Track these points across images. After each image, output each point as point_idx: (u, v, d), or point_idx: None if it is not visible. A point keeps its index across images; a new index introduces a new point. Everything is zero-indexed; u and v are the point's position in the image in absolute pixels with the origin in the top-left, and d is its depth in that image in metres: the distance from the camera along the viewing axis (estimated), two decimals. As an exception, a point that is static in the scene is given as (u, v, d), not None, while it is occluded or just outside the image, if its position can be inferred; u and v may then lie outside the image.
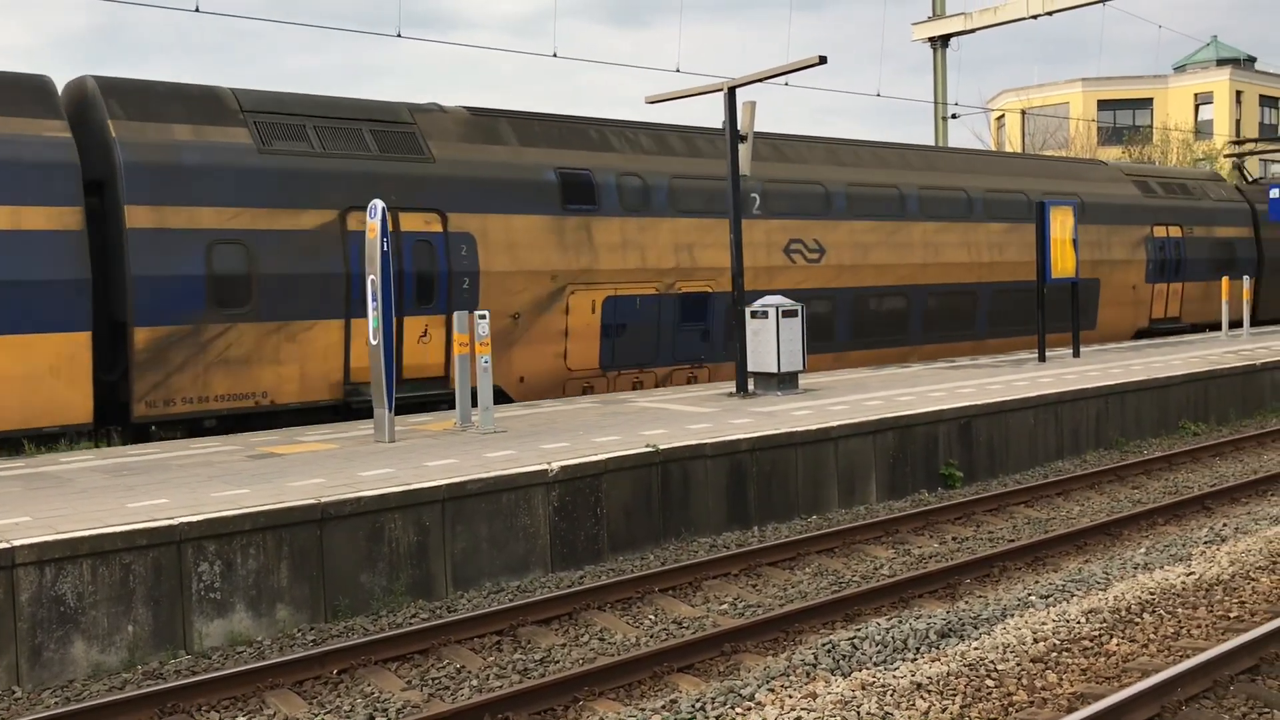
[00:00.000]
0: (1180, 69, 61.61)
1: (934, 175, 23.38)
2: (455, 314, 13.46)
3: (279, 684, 7.77)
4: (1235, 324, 26.56)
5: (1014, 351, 23.34)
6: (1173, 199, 28.52)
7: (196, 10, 15.93)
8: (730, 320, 17.25)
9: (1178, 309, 28.43)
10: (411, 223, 15.49)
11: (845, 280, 20.86)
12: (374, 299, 12.26)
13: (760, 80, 15.90)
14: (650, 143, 18.96)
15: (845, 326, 20.98)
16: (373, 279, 12.27)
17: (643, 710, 6.94)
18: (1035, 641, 7.39)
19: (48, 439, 13.01)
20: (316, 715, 7.37)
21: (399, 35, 18.64)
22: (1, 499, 9.72)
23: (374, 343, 12.32)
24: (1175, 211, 28.42)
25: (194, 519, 8.65)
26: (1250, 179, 33.94)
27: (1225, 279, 26.07)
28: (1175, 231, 28.06)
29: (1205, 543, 10.38)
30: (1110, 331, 26.73)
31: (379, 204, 12.40)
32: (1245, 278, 27.04)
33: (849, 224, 21.03)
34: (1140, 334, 27.48)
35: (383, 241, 12.25)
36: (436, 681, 7.90)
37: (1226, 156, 44.09)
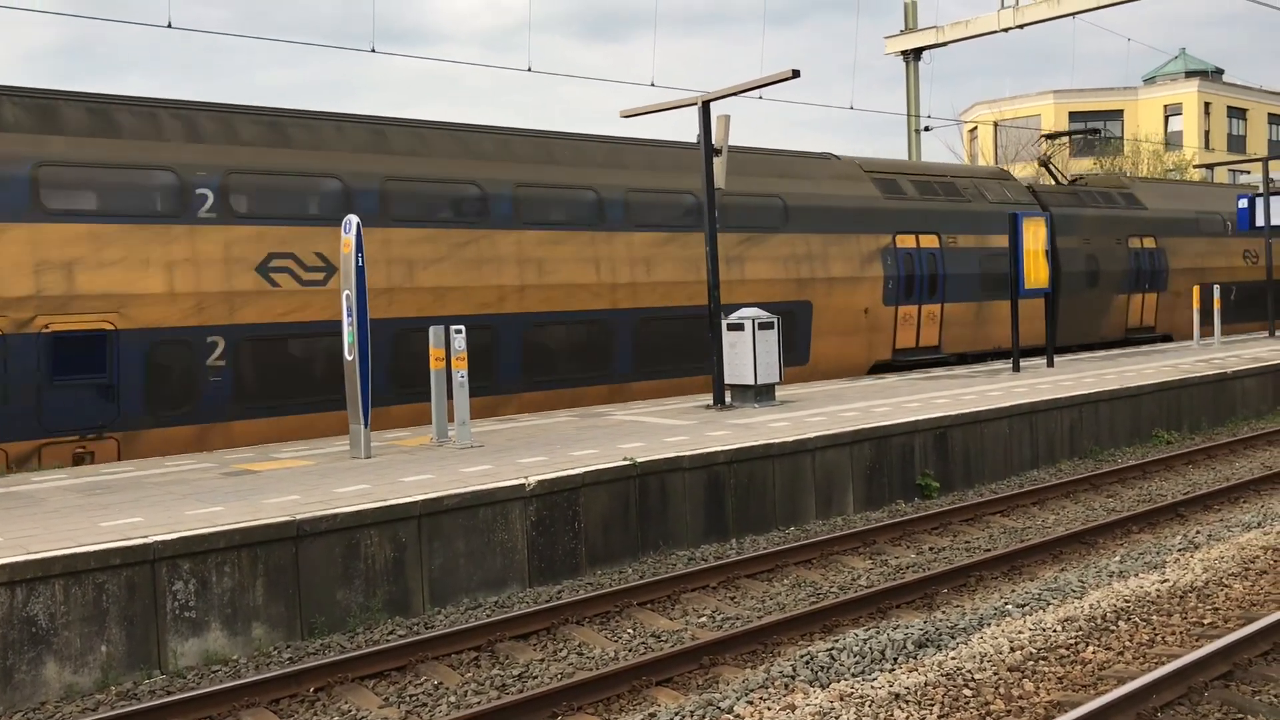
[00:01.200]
0: (1150, 81, 62.34)
1: (544, 170, 17.73)
2: (433, 329, 13.39)
3: (255, 703, 7.71)
4: (1033, 353, 23.29)
5: (673, 398, 18.16)
6: (929, 201, 23.45)
7: (169, 26, 15.86)
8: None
9: (935, 336, 23.20)
10: None
11: (380, 308, 15.08)
12: (349, 314, 12.22)
13: (734, 94, 15.97)
14: None
15: (381, 373, 15.10)
16: (348, 294, 12.23)
17: (621, 724, 6.92)
18: (1012, 650, 7.42)
19: None
20: (293, 734, 7.31)
21: (373, 50, 18.61)
22: (-28, 519, 9.61)
23: (349, 358, 12.27)
24: (931, 217, 23.22)
25: (168, 537, 8.58)
26: (1067, 179, 30.11)
27: (1196, 287, 26.33)
28: (929, 241, 22.97)
29: (1179, 550, 10.46)
30: (832, 367, 21.32)
31: (354, 219, 12.37)
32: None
33: (387, 231, 15.58)
34: (880, 368, 22.21)
35: (357, 256, 12.22)
36: (414, 699, 7.86)
37: (1206, 166, 44.59)
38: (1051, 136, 32.30)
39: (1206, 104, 59.09)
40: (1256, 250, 31.85)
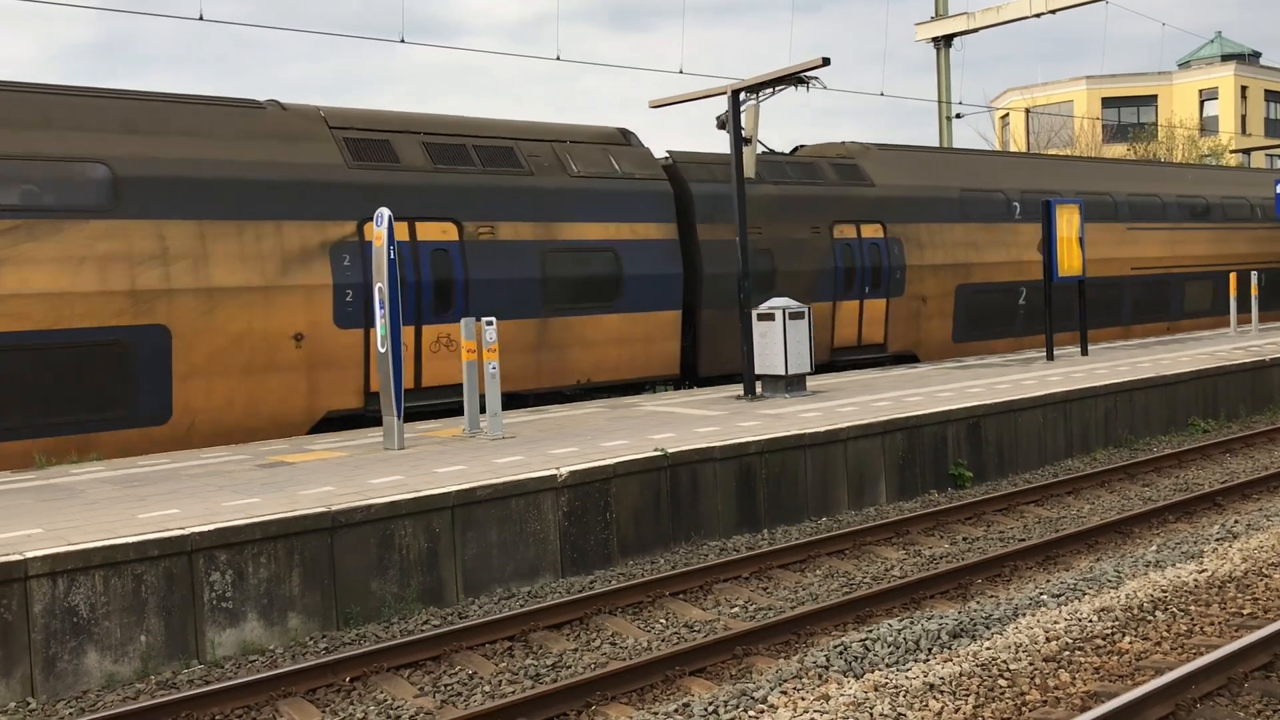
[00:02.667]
0: (1184, 65, 61.53)
1: None
2: (463, 321, 13.40)
3: (292, 692, 7.79)
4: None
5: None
6: (445, 173, 16.27)
7: (200, 18, 15.97)
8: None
9: (442, 371, 15.87)
10: None
11: None
12: (381, 306, 12.28)
13: (763, 83, 15.89)
14: None
15: None
16: (380, 286, 12.30)
17: (655, 714, 6.94)
18: (1047, 640, 7.37)
19: None
20: (330, 723, 7.38)
21: (402, 40, 18.64)
22: (13, 511, 9.75)
23: (381, 350, 12.34)
24: (444, 195, 16.09)
25: (205, 529, 8.67)
26: (772, 151, 21.91)
27: (1234, 275, 25.95)
28: (438, 231, 15.89)
29: (1217, 540, 10.35)
30: (223, 425, 14.18)
31: (385, 212, 12.43)
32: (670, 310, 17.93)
33: None
34: (337, 423, 15.23)
35: (389, 249, 12.27)
36: (449, 688, 7.90)
37: (1242, 151, 43.87)
38: (754, 89, 18.22)
39: (1243, 88, 58.26)
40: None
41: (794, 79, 15.92)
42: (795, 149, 22.89)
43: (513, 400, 16.68)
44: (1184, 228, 28.77)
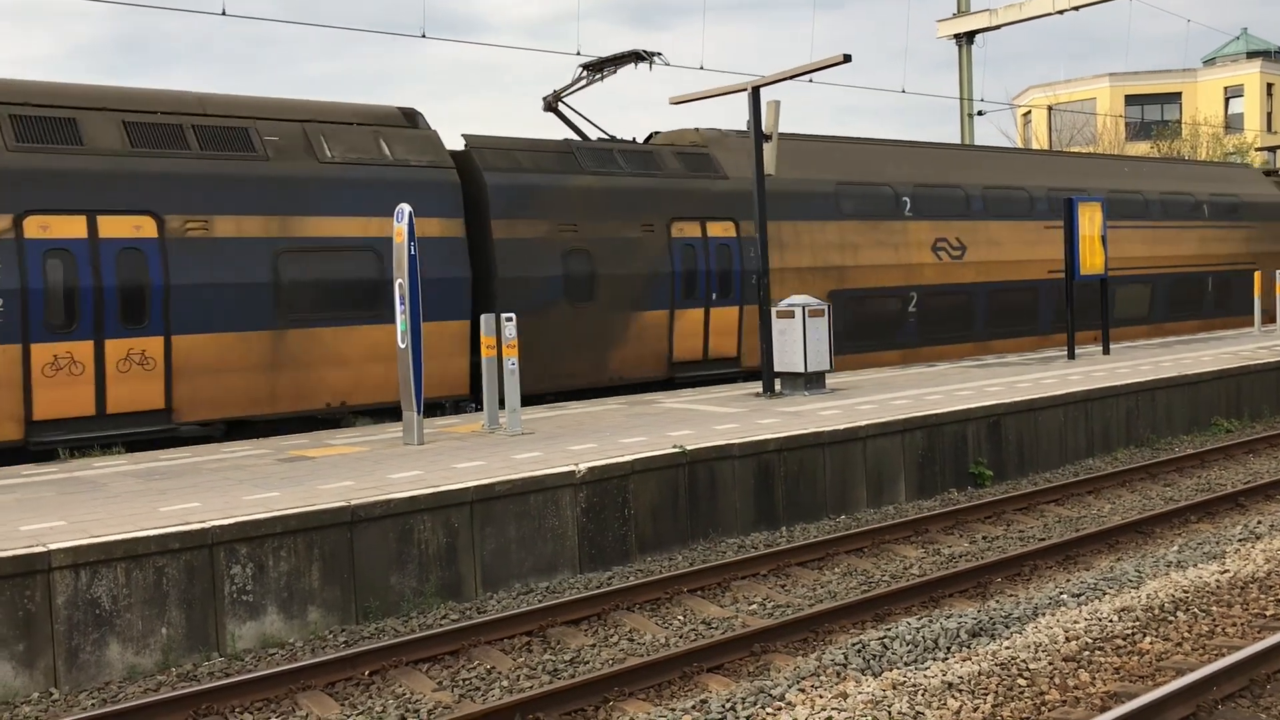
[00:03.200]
0: (1209, 62, 61.03)
1: None
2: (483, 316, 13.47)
3: (311, 685, 7.83)
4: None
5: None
6: (145, 158, 13.89)
7: (223, 14, 16.05)
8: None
9: (136, 395, 13.50)
10: None
11: None
12: (401, 302, 12.32)
13: (784, 79, 15.87)
14: None
15: None
16: (400, 282, 12.34)
17: (673, 710, 6.94)
18: (1067, 640, 7.33)
19: None
20: (348, 716, 7.42)
21: (424, 36, 18.73)
22: (36, 504, 9.83)
23: (402, 346, 12.38)
24: (133, 184, 13.69)
25: (226, 522, 8.72)
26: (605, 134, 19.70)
27: (1258, 274, 25.74)
28: (140, 228, 13.61)
29: (1239, 540, 10.27)
30: None
31: (406, 209, 12.46)
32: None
33: None
34: None
35: (410, 245, 12.31)
36: (467, 682, 7.93)
37: (1268, 149, 43.41)
38: (592, 67, 19.33)
39: (1269, 85, 57.73)
40: (959, 240, 22.53)
41: (634, 57, 18.23)
42: (650, 135, 20.52)
43: (240, 428, 14.40)
44: (1118, 225, 25.14)
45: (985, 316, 23.05)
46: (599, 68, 19.05)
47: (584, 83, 19.34)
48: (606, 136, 19.19)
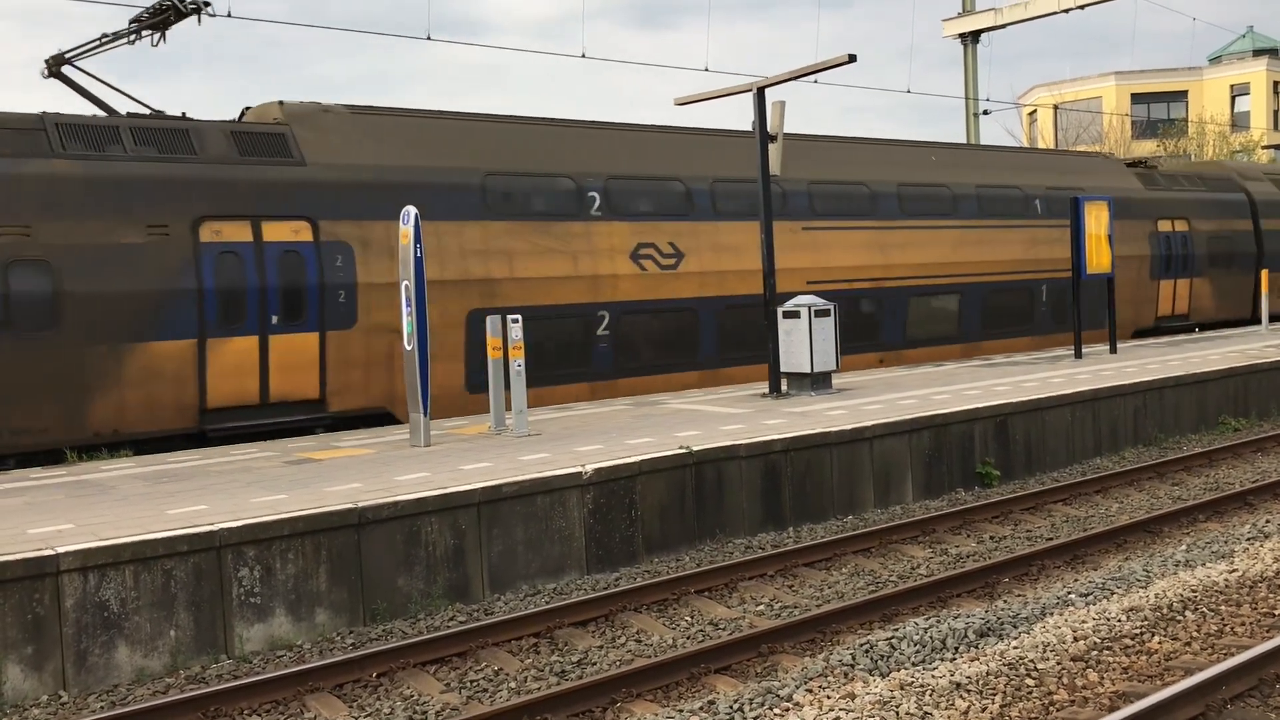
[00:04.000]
0: (1215, 60, 60.90)
1: None
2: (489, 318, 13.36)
3: (319, 687, 7.84)
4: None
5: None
6: None
7: (229, 16, 16.06)
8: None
9: None
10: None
11: None
12: (408, 304, 12.34)
13: (789, 80, 15.87)
14: None
15: None
16: (406, 284, 12.35)
17: (680, 711, 6.94)
18: (1075, 640, 7.32)
19: None
20: (356, 718, 7.43)
21: (428, 38, 18.74)
22: (45, 506, 9.86)
23: (408, 348, 12.40)
24: None
25: (234, 525, 8.74)
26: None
27: (1265, 271, 25.64)
28: None
29: (1248, 539, 10.25)
30: None
31: (412, 210, 12.48)
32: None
33: None
34: None
35: (416, 248, 12.33)
36: (475, 684, 7.94)
37: (1275, 147, 43.27)
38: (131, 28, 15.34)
39: (1275, 83, 57.58)
40: (676, 246, 18.01)
41: (172, 10, 14.21)
42: (243, 113, 16.29)
43: None
44: (909, 226, 21.21)
45: (714, 339, 18.38)
46: (136, 28, 15.18)
47: (107, 42, 15.22)
48: (153, 112, 15.00)
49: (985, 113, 35.96)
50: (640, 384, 17.75)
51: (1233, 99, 57.50)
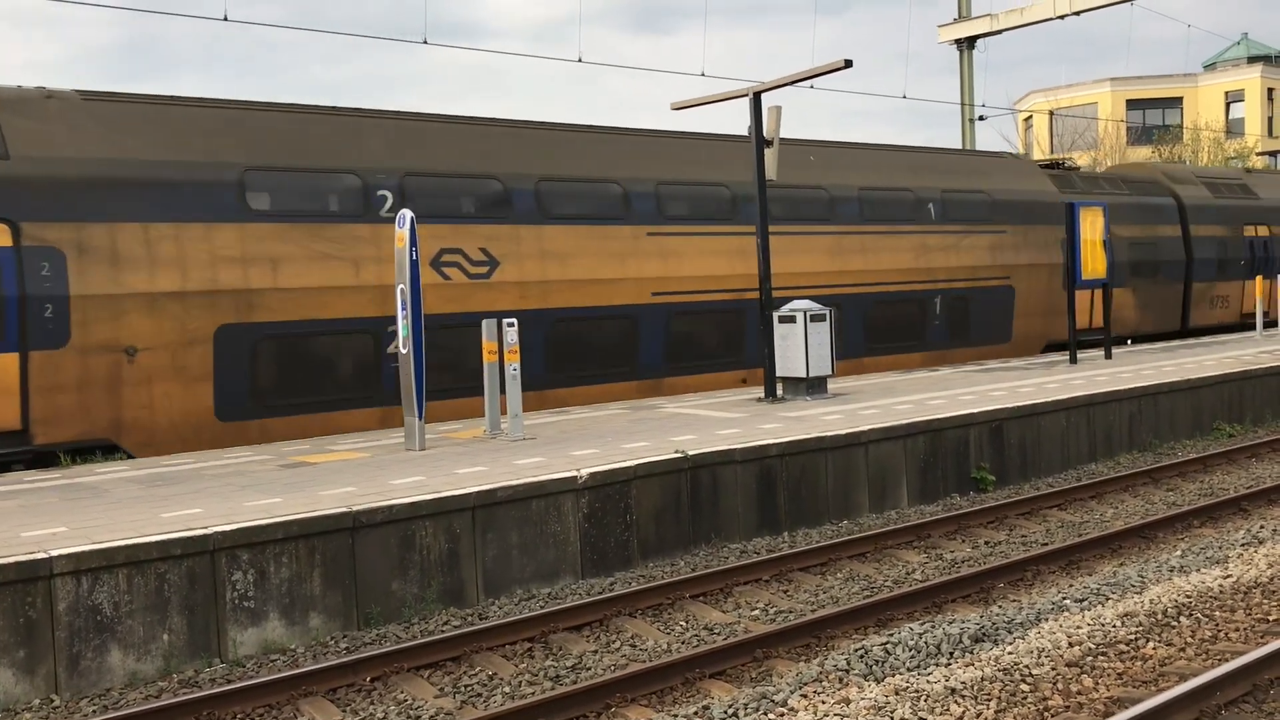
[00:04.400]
0: (1210, 67, 61.08)
1: None
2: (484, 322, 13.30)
3: (313, 692, 7.82)
4: None
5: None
6: None
7: (225, 19, 16.05)
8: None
9: None
10: None
11: None
12: (403, 307, 12.32)
13: (786, 85, 15.88)
14: None
15: None
16: (402, 288, 12.34)
17: (674, 716, 6.93)
18: (1070, 645, 7.32)
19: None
20: (350, 722, 7.40)
21: (425, 42, 18.75)
22: (39, 510, 9.83)
23: (404, 351, 12.38)
24: None
25: (227, 528, 8.72)
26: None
27: (1259, 280, 25.67)
28: None
29: (1242, 545, 10.26)
30: None
31: (408, 213, 12.47)
32: None
33: None
34: None
35: (411, 251, 12.32)
36: (469, 689, 7.92)
37: (1269, 154, 43.33)
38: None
39: (1270, 90, 57.75)
40: (489, 252, 16.15)
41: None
42: None
43: None
44: (777, 232, 18.53)
45: (540, 357, 16.64)
46: None
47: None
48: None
49: (981, 118, 36.03)
50: (447, 409, 15.66)
51: (1227, 105, 57.65)
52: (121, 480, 11.34)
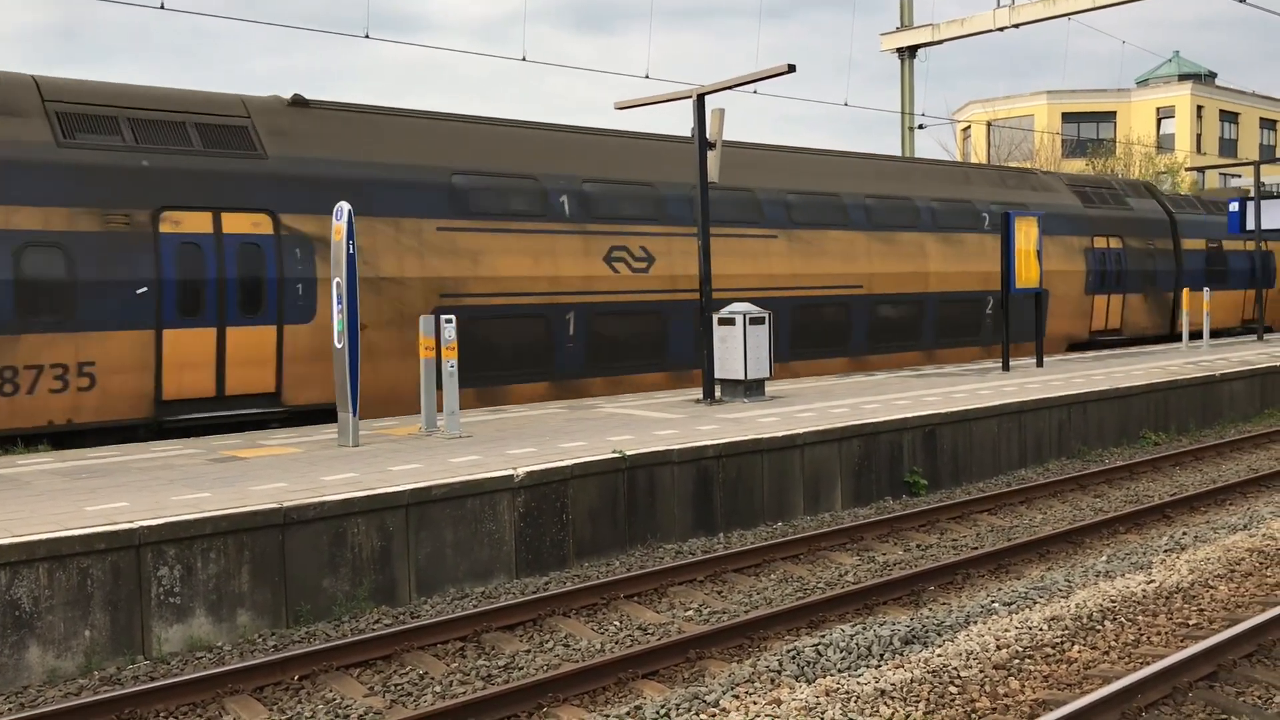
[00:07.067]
0: (1143, 83, 62.48)
1: None
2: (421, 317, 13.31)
3: (239, 690, 7.68)
4: None
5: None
6: None
7: (161, 8, 15.74)
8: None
9: None
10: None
11: None
12: (339, 301, 12.16)
13: (728, 88, 15.94)
14: None
15: None
16: (338, 281, 12.18)
17: (607, 716, 6.92)
18: (998, 648, 7.42)
19: None
20: (277, 722, 7.29)
21: (366, 36, 18.53)
22: (-44, 501, 9.55)
23: (339, 346, 12.22)
24: None
25: (154, 522, 8.53)
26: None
27: (1186, 291, 26.32)
28: None
29: (1165, 551, 10.48)
30: None
31: (345, 206, 12.31)
32: None
33: None
34: None
35: (348, 244, 12.16)
36: (399, 688, 7.83)
37: (1197, 170, 44.38)
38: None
39: (1199, 107, 59.25)
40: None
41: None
42: None
43: None
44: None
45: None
46: None
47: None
48: None
49: (921, 127, 36.52)
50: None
51: (1158, 121, 59.02)
52: (45, 472, 11.06)
